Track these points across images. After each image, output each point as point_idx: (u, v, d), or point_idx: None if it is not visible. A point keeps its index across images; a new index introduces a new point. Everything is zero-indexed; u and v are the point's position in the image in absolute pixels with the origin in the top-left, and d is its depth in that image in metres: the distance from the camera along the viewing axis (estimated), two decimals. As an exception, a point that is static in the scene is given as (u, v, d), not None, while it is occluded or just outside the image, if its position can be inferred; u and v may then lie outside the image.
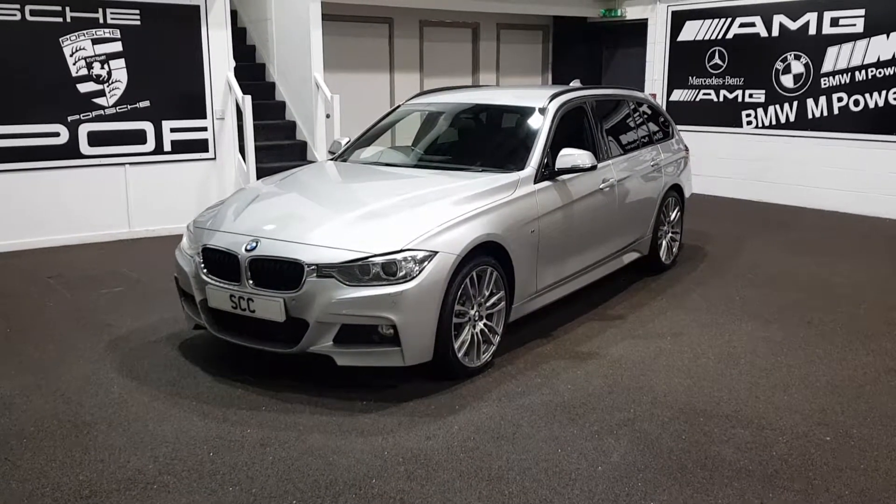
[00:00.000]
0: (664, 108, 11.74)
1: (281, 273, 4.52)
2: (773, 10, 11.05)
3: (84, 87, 8.30)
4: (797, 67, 10.86)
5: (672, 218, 7.54)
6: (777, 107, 11.16)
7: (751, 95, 11.46)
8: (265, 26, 11.10)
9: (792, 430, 4.19)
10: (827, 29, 10.51)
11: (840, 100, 10.48)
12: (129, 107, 8.57)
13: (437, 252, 4.51)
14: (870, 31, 10.10)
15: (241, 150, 9.37)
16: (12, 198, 8.10)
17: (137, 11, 8.47)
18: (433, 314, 4.50)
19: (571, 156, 5.56)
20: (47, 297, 6.55)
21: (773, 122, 11.23)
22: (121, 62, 8.45)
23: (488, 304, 4.94)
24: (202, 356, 5.22)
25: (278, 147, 10.38)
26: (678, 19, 12.25)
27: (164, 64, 8.73)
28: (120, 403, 4.49)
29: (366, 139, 6.65)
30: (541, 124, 5.83)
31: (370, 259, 4.42)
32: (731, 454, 3.92)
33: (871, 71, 10.13)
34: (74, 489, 3.60)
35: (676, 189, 7.56)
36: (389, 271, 4.42)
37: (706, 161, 11.65)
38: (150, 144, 8.78)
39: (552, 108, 5.97)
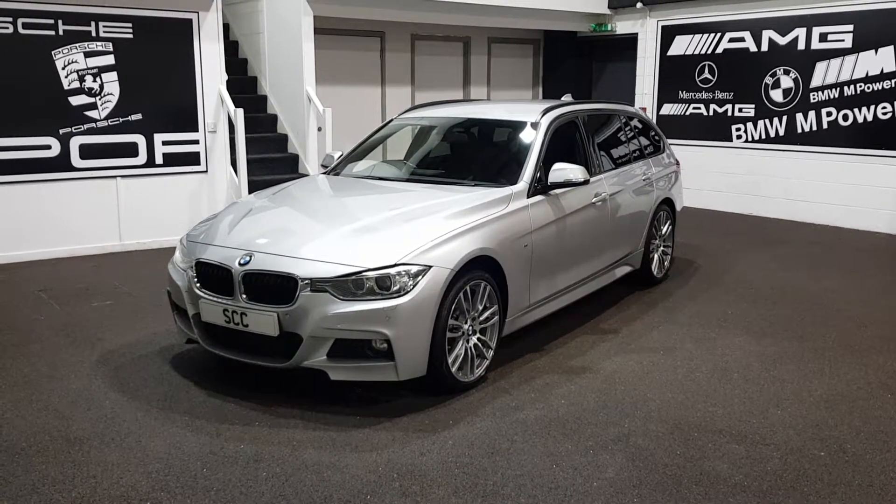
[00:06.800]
0: (654, 122, 11.81)
1: (275, 287, 4.51)
2: (762, 25, 11.13)
3: (76, 100, 8.29)
4: (786, 82, 10.94)
5: (664, 231, 7.56)
6: (766, 121, 11.23)
7: (740, 110, 11.53)
8: (257, 40, 11.12)
9: (786, 445, 4.20)
10: (816, 44, 10.60)
11: (829, 114, 10.56)
12: (120, 120, 8.56)
13: (430, 266, 4.51)
14: (858, 47, 10.19)
15: (233, 163, 9.36)
16: (3, 210, 8.07)
17: (130, 25, 8.47)
18: (427, 329, 4.49)
19: (564, 170, 5.57)
20: (38, 311, 6.51)
21: (763, 137, 11.30)
22: (113, 75, 8.44)
23: (482, 318, 4.94)
24: (195, 371, 5.19)
25: (270, 160, 10.38)
26: (668, 34, 12.33)
27: (157, 77, 8.73)
28: (112, 418, 4.47)
29: (358, 153, 6.65)
30: (533, 139, 5.85)
31: (364, 273, 4.41)
32: (726, 470, 3.93)
33: (860, 86, 10.21)
34: (66, 506, 3.57)
35: (668, 203, 7.59)
36: (383, 286, 4.41)
37: (697, 175, 11.72)
38: (142, 157, 8.76)
39: (545, 122, 5.99)
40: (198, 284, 4.83)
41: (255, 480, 3.78)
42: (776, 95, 11.08)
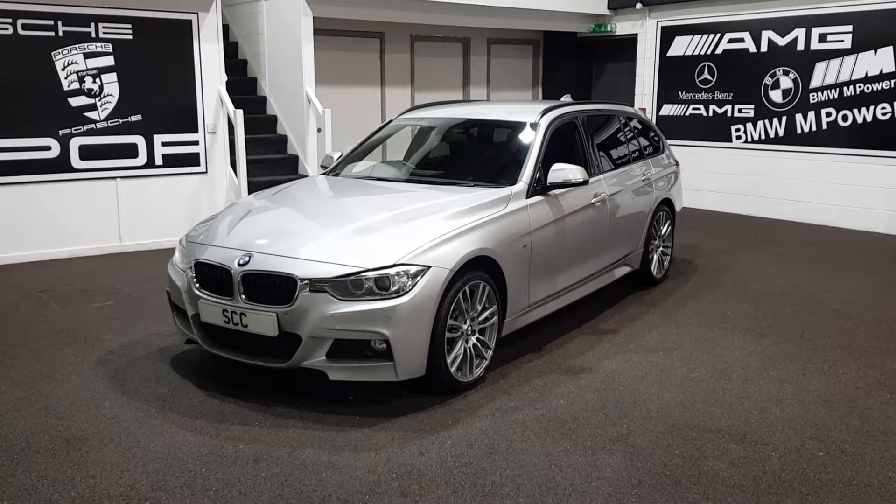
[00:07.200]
0: (654, 122, 11.82)
1: (274, 287, 4.52)
2: (761, 25, 11.14)
3: (76, 101, 8.29)
4: (786, 83, 10.94)
5: (663, 232, 7.57)
6: (766, 122, 11.23)
7: (740, 110, 11.54)
8: (257, 41, 11.13)
9: (785, 444, 4.20)
10: (815, 45, 10.61)
11: (828, 115, 10.56)
12: (120, 121, 8.56)
13: (429, 266, 4.51)
14: (857, 47, 10.19)
15: (233, 164, 9.37)
16: (3, 211, 8.07)
17: (129, 26, 8.48)
18: (426, 329, 4.50)
19: (563, 170, 5.58)
20: (38, 312, 6.51)
21: (763, 137, 11.30)
22: (112, 76, 8.45)
23: (481, 318, 4.95)
24: (194, 371, 5.20)
25: (270, 161, 10.39)
26: (667, 35, 12.34)
27: (156, 78, 8.74)
28: (111, 418, 4.47)
29: (358, 154, 6.66)
30: (532, 139, 5.85)
31: (363, 273, 4.42)
32: (725, 469, 3.93)
33: (860, 86, 10.22)
34: (66, 506, 3.58)
35: (667, 203, 7.60)
36: (382, 286, 4.42)
37: (696, 175, 11.72)
38: (142, 158, 8.77)
39: (544, 123, 6.00)
40: (197, 285, 4.83)
41: (254, 480, 3.79)
42: (776, 96, 11.09)
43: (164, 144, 8.90)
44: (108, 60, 8.42)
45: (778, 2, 10.90)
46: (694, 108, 12.10)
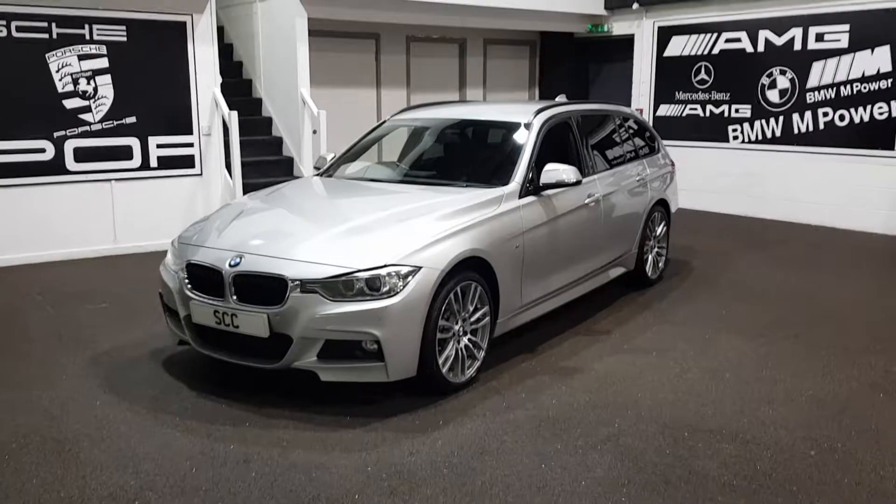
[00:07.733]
0: (651, 123, 11.83)
1: (265, 288, 4.51)
2: (758, 25, 11.14)
3: (70, 103, 8.28)
4: (783, 82, 10.94)
5: (658, 233, 7.56)
6: (763, 121, 11.22)
7: (737, 110, 11.53)
8: (252, 42, 11.12)
9: (776, 444, 4.19)
10: (812, 44, 10.60)
11: (825, 115, 10.55)
12: (115, 123, 8.55)
13: (420, 267, 4.51)
14: (854, 47, 10.19)
15: (228, 166, 9.36)
16: (-2, 214, 8.09)
17: (124, 27, 8.47)
18: (417, 329, 4.49)
19: (556, 171, 5.57)
20: (32, 313, 6.51)
21: (760, 137, 11.30)
22: (107, 78, 8.44)
23: (473, 319, 4.94)
24: (186, 372, 5.19)
25: (265, 163, 10.37)
26: (664, 35, 12.33)
27: (151, 80, 8.72)
28: (103, 419, 4.47)
29: (351, 154, 6.66)
30: (526, 139, 5.85)
31: (354, 274, 4.41)
32: (716, 469, 3.92)
33: (856, 86, 10.21)
34: (54, 507, 3.57)
35: (662, 204, 7.59)
36: (373, 286, 4.41)
37: (692, 176, 11.70)
38: (137, 160, 8.76)
39: (537, 123, 5.99)
40: (189, 286, 4.83)
41: (244, 480, 3.78)
42: (772, 96, 11.08)
43: (159, 146, 8.89)
44: (103, 62, 8.41)
45: (774, 1, 10.90)
46: (691, 109, 12.10)
